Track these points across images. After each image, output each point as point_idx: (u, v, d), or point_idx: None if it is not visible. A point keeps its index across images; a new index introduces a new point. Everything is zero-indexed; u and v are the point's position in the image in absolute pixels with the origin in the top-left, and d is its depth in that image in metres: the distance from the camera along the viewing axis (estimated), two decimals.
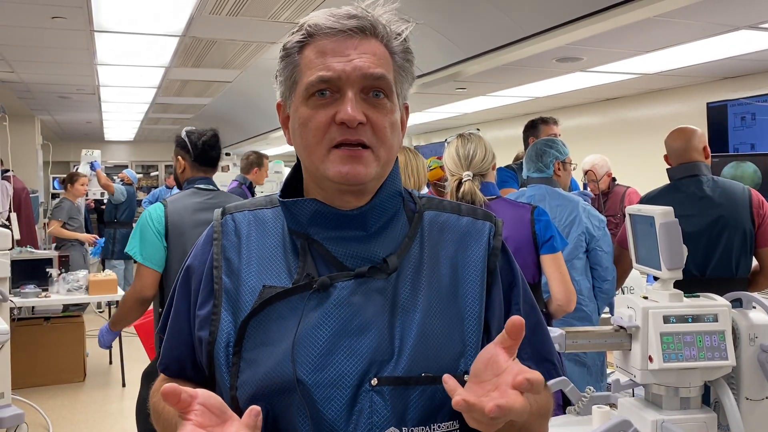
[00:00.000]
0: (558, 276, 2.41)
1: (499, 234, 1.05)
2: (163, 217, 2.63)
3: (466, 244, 1.02)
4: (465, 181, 2.51)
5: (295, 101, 0.98)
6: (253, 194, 5.38)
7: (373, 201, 0.98)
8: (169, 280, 2.56)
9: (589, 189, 4.74)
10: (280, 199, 1.02)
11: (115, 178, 8.71)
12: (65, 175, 7.12)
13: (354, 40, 0.94)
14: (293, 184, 1.05)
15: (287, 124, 1.02)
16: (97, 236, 7.36)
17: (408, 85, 1.02)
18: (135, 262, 2.61)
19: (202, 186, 2.80)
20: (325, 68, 0.93)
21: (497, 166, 2.74)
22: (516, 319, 0.81)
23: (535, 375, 0.77)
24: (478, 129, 3.78)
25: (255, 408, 0.84)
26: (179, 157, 2.88)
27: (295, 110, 0.98)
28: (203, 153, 2.83)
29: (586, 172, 4.78)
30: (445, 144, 2.68)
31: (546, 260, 2.42)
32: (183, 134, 2.86)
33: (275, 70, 1.02)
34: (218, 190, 2.89)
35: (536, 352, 1.04)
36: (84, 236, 7.10)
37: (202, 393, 0.83)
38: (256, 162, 5.53)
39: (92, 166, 7.90)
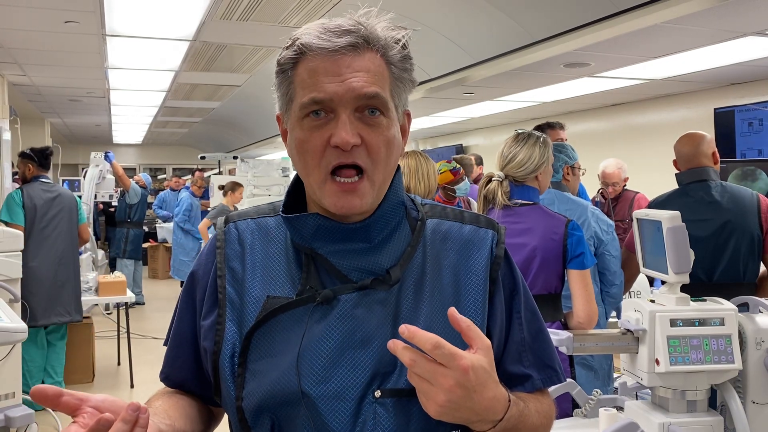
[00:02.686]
0: (584, 294, 2.36)
1: (501, 242, 1.04)
2: (22, 196, 4.69)
3: (469, 253, 1.02)
4: (493, 180, 2.51)
5: (292, 119, 0.97)
6: None
7: (376, 213, 0.98)
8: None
9: (604, 192, 4.70)
10: (283, 215, 1.02)
11: (130, 180, 8.76)
12: (225, 183, 7.28)
13: (347, 58, 0.92)
14: (295, 196, 1.05)
15: (286, 137, 1.02)
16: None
17: (407, 92, 1.00)
18: (6, 224, 4.48)
19: (44, 180, 4.90)
20: (317, 89, 0.92)
21: None
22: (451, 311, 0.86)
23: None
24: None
25: (134, 404, 0.79)
26: (29, 164, 4.89)
27: (292, 128, 0.97)
28: (44, 159, 4.93)
29: (604, 175, 4.76)
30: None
31: (573, 276, 2.37)
32: (28, 150, 4.95)
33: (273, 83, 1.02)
34: (53, 183, 4.98)
35: (538, 358, 1.04)
36: None
37: (98, 398, 0.80)
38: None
39: (107, 157, 7.91)
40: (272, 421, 0.94)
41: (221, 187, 7.37)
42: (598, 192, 4.63)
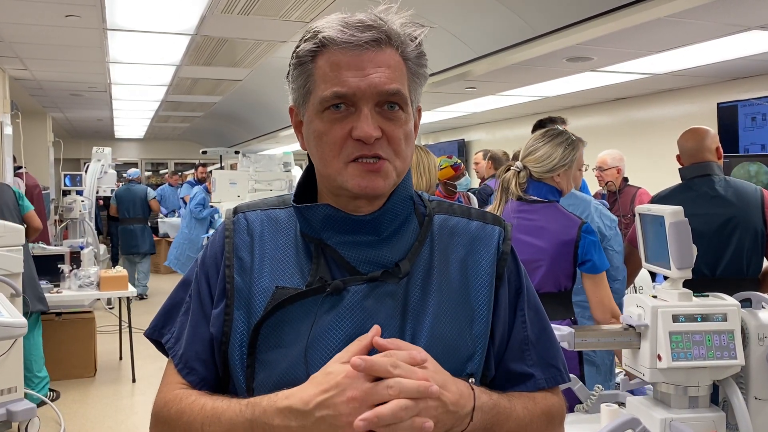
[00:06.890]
0: (597, 299, 2.33)
1: (508, 239, 1.05)
2: None
3: (476, 248, 1.03)
4: (511, 169, 2.48)
5: (309, 111, 0.97)
6: None
7: (385, 206, 0.99)
8: None
9: (596, 177, 4.61)
10: (294, 204, 1.02)
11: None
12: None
13: (369, 53, 0.93)
14: (306, 187, 1.06)
15: (300, 129, 1.02)
16: None
17: (421, 88, 1.02)
18: None
19: None
20: (339, 83, 0.92)
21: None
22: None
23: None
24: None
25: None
26: None
27: (310, 120, 0.97)
28: None
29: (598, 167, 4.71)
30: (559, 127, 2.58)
31: (586, 280, 2.35)
32: None
33: (287, 73, 1.01)
34: None
35: (541, 357, 1.04)
36: None
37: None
38: None
39: None
40: None
41: None
42: (603, 183, 4.56)
